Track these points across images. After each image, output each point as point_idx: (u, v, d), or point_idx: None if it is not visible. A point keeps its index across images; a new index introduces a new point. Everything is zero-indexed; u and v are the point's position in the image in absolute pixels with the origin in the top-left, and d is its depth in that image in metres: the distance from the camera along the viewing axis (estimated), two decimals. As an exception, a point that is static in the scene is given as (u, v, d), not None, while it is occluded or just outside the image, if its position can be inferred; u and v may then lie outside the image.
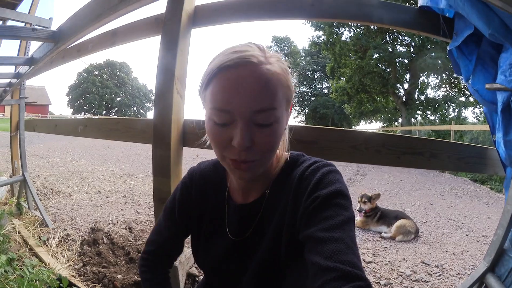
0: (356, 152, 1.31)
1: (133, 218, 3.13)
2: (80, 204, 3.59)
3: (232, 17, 1.44)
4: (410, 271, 2.30)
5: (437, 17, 1.34)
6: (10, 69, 2.52)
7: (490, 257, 1.33)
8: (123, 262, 2.06)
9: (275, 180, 0.68)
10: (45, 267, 1.77)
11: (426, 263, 2.45)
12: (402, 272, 2.28)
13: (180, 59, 1.38)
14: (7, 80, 2.68)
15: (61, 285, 1.24)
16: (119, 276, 1.83)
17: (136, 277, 1.84)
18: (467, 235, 3.17)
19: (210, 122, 0.58)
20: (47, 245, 2.33)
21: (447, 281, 2.17)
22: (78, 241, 2.39)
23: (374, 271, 2.30)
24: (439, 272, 2.29)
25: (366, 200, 3.35)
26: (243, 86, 0.53)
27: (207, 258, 0.74)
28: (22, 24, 2.31)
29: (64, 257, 2.14)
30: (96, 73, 45.13)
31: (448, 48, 1.35)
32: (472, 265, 2.41)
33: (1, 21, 2.70)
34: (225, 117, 0.55)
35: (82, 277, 1.89)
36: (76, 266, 2.03)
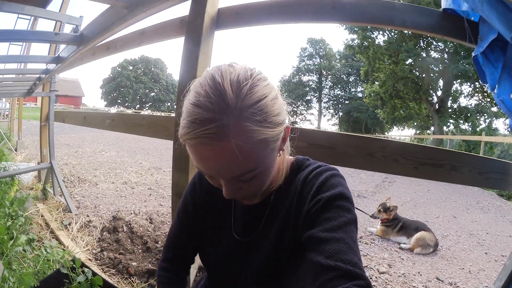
0: (373, 160, 1.28)
1: (155, 210, 3.23)
2: (105, 193, 3.75)
3: (254, 20, 1.46)
4: (423, 286, 2.23)
5: (461, 21, 1.26)
6: (41, 65, 2.70)
7: (501, 283, 1.23)
8: (140, 250, 2.14)
9: (281, 184, 0.69)
10: (61, 249, 1.88)
11: (440, 279, 2.37)
12: (414, 286, 2.21)
13: (202, 61, 1.43)
14: (37, 75, 2.88)
15: (74, 265, 1.32)
16: (133, 263, 1.92)
17: (150, 265, 1.91)
18: (486, 253, 3.04)
19: None
20: (68, 229, 2.47)
21: (457, 301, 2.09)
22: (99, 228, 2.51)
23: (386, 282, 2.24)
24: (451, 290, 2.21)
25: (381, 209, 3.30)
26: (211, 162, 0.52)
27: (212, 256, 0.76)
28: (53, 22, 2.49)
29: (83, 241, 2.26)
30: (131, 68, 46.43)
31: (473, 54, 1.28)
32: (486, 286, 2.30)
33: (32, 18, 2.89)
34: (207, 174, 0.59)
35: (98, 261, 1.99)
36: (94, 251, 2.14)
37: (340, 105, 40.63)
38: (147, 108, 47.03)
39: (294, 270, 0.64)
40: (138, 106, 45.64)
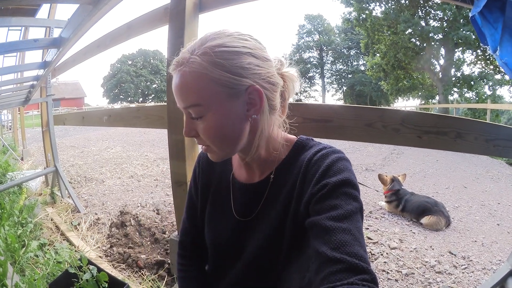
0: (371, 131, 1.21)
1: (162, 200, 3.25)
2: (112, 190, 3.77)
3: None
4: (435, 261, 2.19)
5: (455, -21, 1.19)
6: (34, 72, 2.70)
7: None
8: (148, 242, 2.16)
9: (281, 163, 0.68)
10: (70, 249, 1.90)
11: (452, 253, 2.32)
12: (426, 262, 2.18)
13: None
14: (30, 82, 2.89)
15: (81, 264, 1.34)
16: (142, 256, 1.93)
17: (158, 256, 1.93)
18: (498, 225, 2.97)
19: None
20: (78, 229, 2.48)
21: (471, 276, 2.04)
22: (107, 224, 2.53)
23: (397, 258, 2.22)
24: (464, 265, 2.17)
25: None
26: (176, 91, 0.60)
27: (211, 236, 0.76)
28: (43, 29, 2.51)
29: (93, 239, 2.28)
30: (130, 62, 45.87)
31: (470, 15, 1.21)
32: (499, 260, 2.24)
33: (23, 27, 2.92)
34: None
35: (108, 257, 2.01)
36: (104, 248, 2.16)
37: (343, 80, 40.23)
38: (150, 100, 46.52)
39: (296, 255, 0.62)
40: (141, 99, 45.35)
